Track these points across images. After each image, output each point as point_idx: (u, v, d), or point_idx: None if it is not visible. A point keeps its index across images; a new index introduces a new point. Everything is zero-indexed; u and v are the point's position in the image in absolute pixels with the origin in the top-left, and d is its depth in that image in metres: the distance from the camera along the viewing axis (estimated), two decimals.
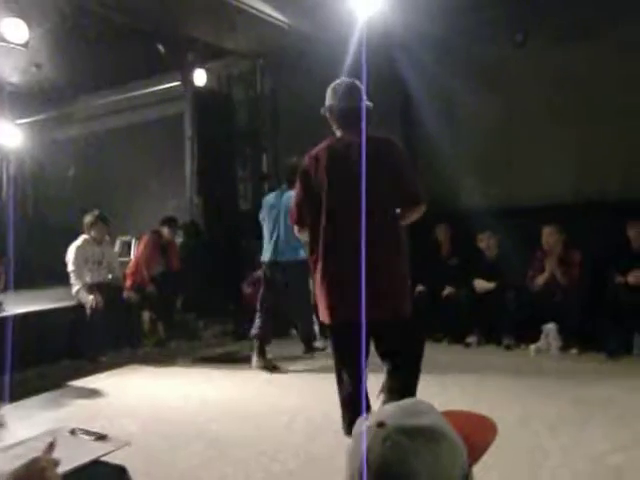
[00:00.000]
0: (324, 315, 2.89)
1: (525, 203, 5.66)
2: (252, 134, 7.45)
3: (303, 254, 4.92)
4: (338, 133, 3.05)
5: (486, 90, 5.85)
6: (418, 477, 0.83)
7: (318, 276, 2.89)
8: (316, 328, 5.43)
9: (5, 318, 5.08)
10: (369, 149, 2.63)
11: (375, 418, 0.90)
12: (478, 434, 0.98)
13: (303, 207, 2.98)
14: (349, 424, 2.75)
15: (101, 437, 1.43)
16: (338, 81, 3.15)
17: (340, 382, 2.91)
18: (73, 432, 1.49)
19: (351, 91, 3.05)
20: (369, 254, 2.43)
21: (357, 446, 0.89)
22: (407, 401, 0.95)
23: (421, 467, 0.84)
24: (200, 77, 6.65)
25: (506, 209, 5.57)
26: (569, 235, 5.23)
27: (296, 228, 3.09)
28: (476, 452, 0.94)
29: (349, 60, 5.94)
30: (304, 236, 3.09)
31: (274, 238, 5.11)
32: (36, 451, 1.10)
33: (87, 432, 1.47)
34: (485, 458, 0.94)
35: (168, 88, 7.20)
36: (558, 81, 5.57)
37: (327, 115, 3.12)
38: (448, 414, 0.95)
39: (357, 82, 3.09)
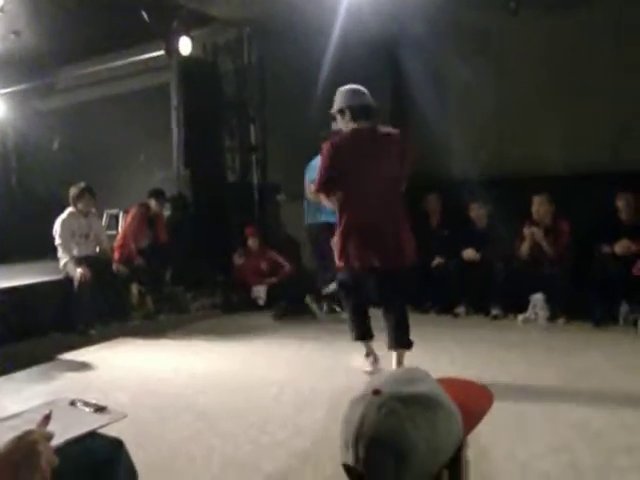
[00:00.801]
0: (352, 258, 3.58)
1: (516, 173, 5.65)
2: (239, 104, 7.34)
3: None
4: (352, 125, 3.60)
5: (478, 59, 5.79)
6: (414, 445, 0.83)
7: (345, 230, 3.58)
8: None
9: None
10: (384, 137, 3.58)
11: (370, 385, 0.90)
12: (474, 402, 0.97)
13: (331, 177, 3.58)
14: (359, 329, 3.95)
15: (100, 408, 1.42)
16: (345, 87, 3.73)
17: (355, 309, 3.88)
18: (73, 403, 1.48)
19: (359, 92, 3.66)
20: (389, 217, 3.58)
21: (352, 413, 0.88)
22: (403, 369, 0.95)
23: (417, 435, 0.83)
24: (185, 46, 6.50)
25: (497, 179, 5.57)
26: (558, 205, 5.24)
27: (323, 195, 3.74)
28: (471, 420, 0.93)
29: (338, 30, 5.85)
30: (330, 202, 3.75)
31: None
32: (32, 423, 1.09)
33: (86, 403, 1.46)
34: None
35: (153, 57, 7.03)
36: (550, 50, 5.53)
37: (338, 115, 3.67)
38: (444, 381, 0.95)
39: (361, 87, 3.70)
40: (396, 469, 0.82)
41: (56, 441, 1.09)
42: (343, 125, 3.66)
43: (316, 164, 5.58)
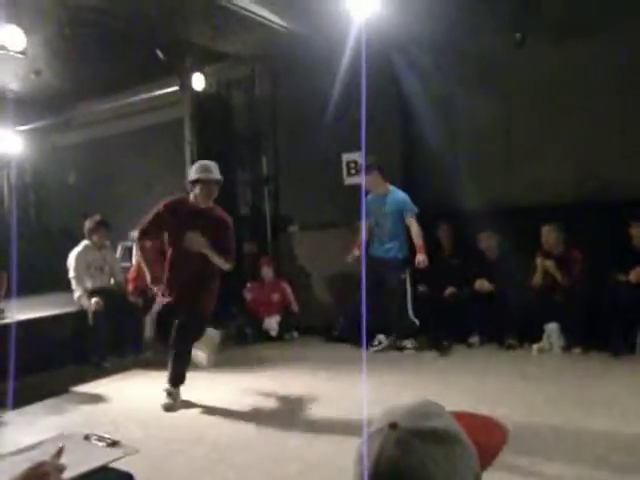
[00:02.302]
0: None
1: (525, 203, 5.65)
2: (251, 138, 7.46)
3: None
4: (192, 197, 4.30)
5: (484, 90, 5.85)
6: None
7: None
8: None
9: (6, 325, 5.09)
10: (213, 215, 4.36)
11: (386, 419, 0.87)
12: (489, 438, 0.96)
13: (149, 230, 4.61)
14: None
15: (113, 443, 1.44)
16: (199, 162, 4.47)
17: None
18: (87, 437, 1.50)
19: (209, 167, 4.31)
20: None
21: (369, 447, 0.86)
22: (418, 402, 0.92)
23: (437, 471, 0.82)
24: (198, 81, 6.65)
25: (506, 209, 5.57)
26: (570, 234, 5.23)
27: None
28: (487, 456, 0.92)
29: (346, 62, 5.96)
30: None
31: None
32: (46, 455, 1.11)
33: (100, 438, 1.48)
34: None
35: (167, 93, 7.20)
36: (557, 80, 5.57)
37: (190, 185, 4.35)
38: (458, 416, 0.93)
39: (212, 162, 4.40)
40: None
41: (69, 474, 1.11)
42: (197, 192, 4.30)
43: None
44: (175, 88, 6.90)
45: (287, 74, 6.84)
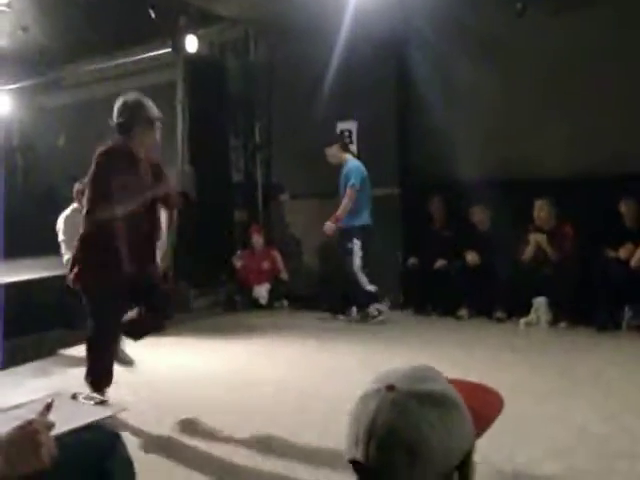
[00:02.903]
0: None
1: (520, 176, 5.63)
2: (245, 103, 7.35)
3: None
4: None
5: (484, 60, 5.77)
6: (428, 443, 0.81)
7: None
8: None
9: None
10: None
11: (383, 381, 0.87)
12: (484, 405, 0.95)
13: None
14: None
15: (101, 402, 1.43)
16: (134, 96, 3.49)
17: None
18: (74, 396, 1.49)
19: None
20: None
21: (364, 408, 0.86)
22: (416, 366, 0.91)
23: (432, 434, 0.82)
24: (192, 43, 6.50)
25: (500, 182, 5.54)
26: (562, 209, 5.23)
27: None
28: (482, 424, 0.91)
29: (344, 29, 5.85)
30: None
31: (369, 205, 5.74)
32: (35, 413, 1.09)
33: (88, 397, 1.47)
34: None
35: (159, 55, 7.04)
36: (556, 53, 5.50)
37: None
38: (455, 382, 0.92)
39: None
40: (409, 467, 0.81)
41: (57, 431, 1.10)
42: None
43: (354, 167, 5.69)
44: (168, 50, 6.74)
45: (283, 39, 6.70)
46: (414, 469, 0.81)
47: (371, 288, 5.67)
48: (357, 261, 5.65)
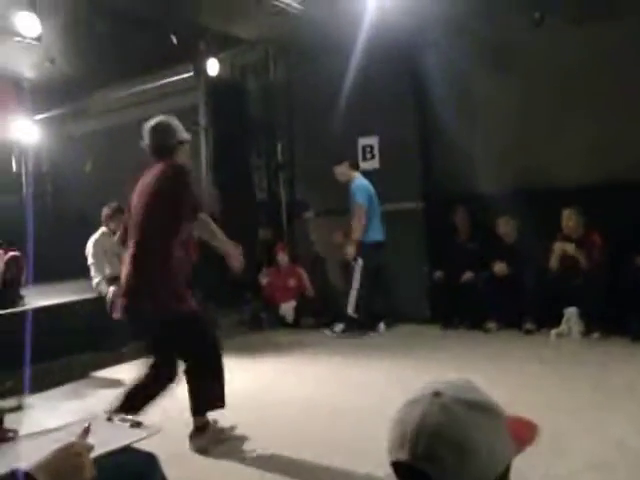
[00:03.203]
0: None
1: (544, 186, 5.57)
2: (266, 123, 7.43)
3: None
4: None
5: (502, 71, 5.75)
6: (477, 446, 0.82)
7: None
8: None
9: (26, 311, 5.16)
10: None
11: (429, 389, 0.88)
12: (521, 429, 0.96)
13: None
14: None
15: (136, 424, 1.45)
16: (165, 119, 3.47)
17: None
18: (110, 419, 1.51)
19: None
20: None
21: (410, 411, 0.87)
22: (460, 378, 0.93)
23: (480, 437, 0.82)
24: (213, 67, 6.63)
25: (525, 192, 5.48)
26: (591, 217, 5.14)
27: None
28: (517, 446, 0.91)
29: (362, 46, 5.90)
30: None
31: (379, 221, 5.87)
32: (74, 436, 1.12)
33: (123, 419, 1.49)
34: None
35: (181, 79, 7.19)
36: (576, 61, 5.46)
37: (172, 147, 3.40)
38: None
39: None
40: (457, 467, 0.81)
41: (95, 453, 1.12)
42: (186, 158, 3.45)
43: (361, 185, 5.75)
44: (189, 74, 6.88)
45: (302, 59, 6.78)
46: (459, 468, 0.81)
47: (354, 315, 5.78)
48: (357, 278, 5.71)
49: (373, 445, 2.93)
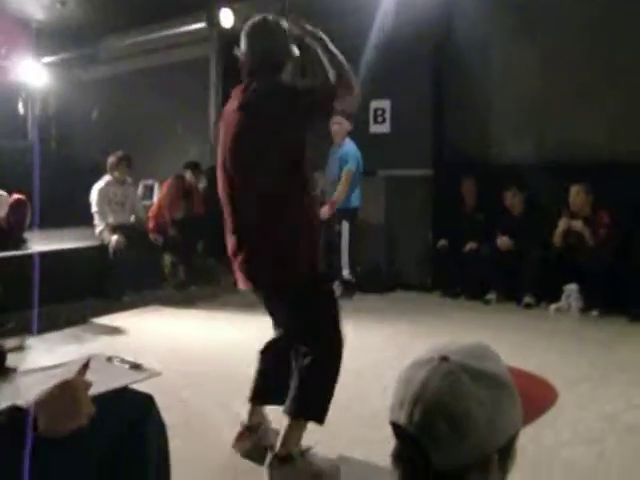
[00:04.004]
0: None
1: (556, 160, 5.50)
2: None
3: None
4: None
5: (524, 38, 5.62)
6: (475, 420, 0.80)
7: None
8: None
9: (30, 255, 5.17)
10: None
11: (437, 351, 0.86)
12: (536, 396, 0.94)
13: None
14: None
15: (136, 366, 1.46)
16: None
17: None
18: (110, 359, 1.52)
19: None
20: None
21: (414, 373, 0.85)
22: (474, 342, 0.90)
23: (480, 411, 0.81)
24: (227, 18, 6.46)
25: (536, 166, 5.41)
26: (599, 195, 5.09)
27: None
28: (531, 413, 0.91)
29: (384, 8, 5.73)
30: None
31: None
32: (73, 373, 1.12)
33: (123, 360, 1.50)
34: None
35: (194, 29, 7.03)
36: (599, 33, 5.33)
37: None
38: (512, 369, 0.91)
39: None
40: (451, 438, 0.80)
41: (93, 391, 1.12)
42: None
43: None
44: (202, 24, 6.72)
45: (320, 13, 6.59)
46: (454, 441, 0.80)
47: (350, 278, 5.79)
48: (346, 242, 5.75)
49: (364, 407, 2.98)
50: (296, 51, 2.46)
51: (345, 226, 5.74)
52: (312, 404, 2.30)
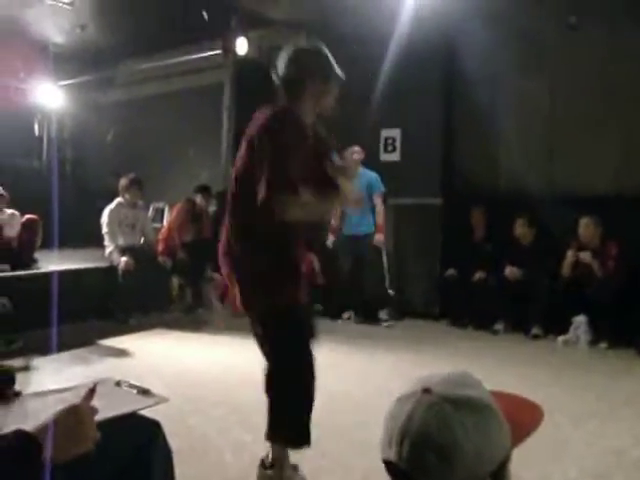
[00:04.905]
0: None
1: (566, 192, 5.52)
2: None
3: None
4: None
5: (534, 72, 5.69)
6: (462, 448, 0.81)
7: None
8: None
9: (39, 275, 5.22)
10: None
11: (420, 384, 0.87)
12: (523, 417, 0.95)
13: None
14: None
15: (144, 391, 1.47)
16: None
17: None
18: (118, 383, 1.53)
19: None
20: None
21: (399, 409, 0.86)
22: (455, 372, 0.92)
23: (466, 439, 0.81)
24: (242, 46, 6.60)
25: (546, 197, 5.43)
26: (608, 227, 5.09)
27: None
28: (519, 435, 0.91)
29: (396, 35, 5.82)
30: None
31: None
32: (80, 397, 1.13)
33: (131, 385, 1.51)
34: None
35: (209, 56, 7.17)
36: (607, 68, 5.39)
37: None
38: (495, 393, 0.92)
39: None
40: (441, 469, 0.81)
41: (100, 416, 1.13)
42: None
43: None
44: (218, 51, 6.86)
45: (333, 45, 6.70)
46: (445, 472, 0.81)
47: (391, 291, 5.98)
48: (386, 266, 5.93)
49: (365, 434, 2.96)
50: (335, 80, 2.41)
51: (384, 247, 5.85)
52: (283, 429, 2.32)
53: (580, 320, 5.00)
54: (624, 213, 4.97)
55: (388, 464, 0.86)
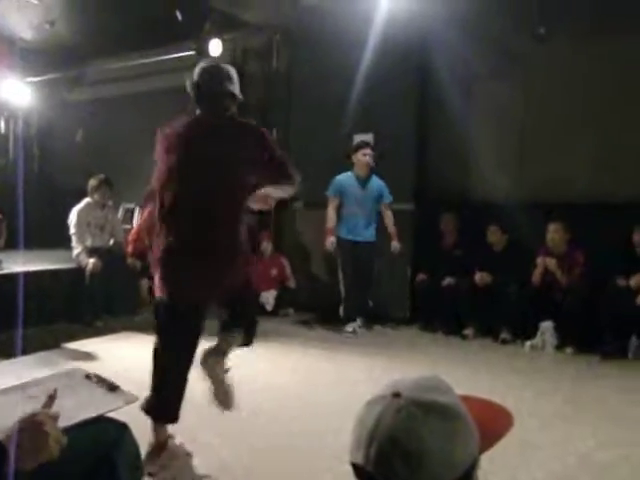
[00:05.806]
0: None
1: (536, 198, 5.61)
2: (263, 111, 7.37)
3: None
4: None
5: (508, 79, 5.78)
6: (429, 452, 0.81)
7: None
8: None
9: (4, 276, 5.09)
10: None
11: (390, 388, 0.88)
12: (492, 422, 0.95)
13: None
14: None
15: (113, 387, 1.43)
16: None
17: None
18: (88, 376, 1.49)
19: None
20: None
21: (368, 413, 0.86)
22: (426, 376, 0.92)
23: (433, 443, 0.81)
24: (216, 48, 6.55)
25: (517, 203, 5.49)
26: (575, 234, 5.19)
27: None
28: (488, 440, 0.91)
29: (370, 40, 5.86)
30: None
31: None
32: (47, 393, 1.10)
33: (100, 379, 1.47)
34: None
35: (182, 57, 7.10)
36: (579, 76, 5.50)
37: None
38: (465, 398, 0.93)
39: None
40: (408, 474, 0.81)
41: (68, 419, 1.10)
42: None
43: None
44: (191, 53, 6.80)
45: (306, 48, 6.73)
46: (411, 476, 0.81)
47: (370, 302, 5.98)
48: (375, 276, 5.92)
49: (336, 439, 2.95)
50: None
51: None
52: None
53: (547, 326, 5.09)
54: (593, 220, 5.07)
55: (356, 467, 0.86)
